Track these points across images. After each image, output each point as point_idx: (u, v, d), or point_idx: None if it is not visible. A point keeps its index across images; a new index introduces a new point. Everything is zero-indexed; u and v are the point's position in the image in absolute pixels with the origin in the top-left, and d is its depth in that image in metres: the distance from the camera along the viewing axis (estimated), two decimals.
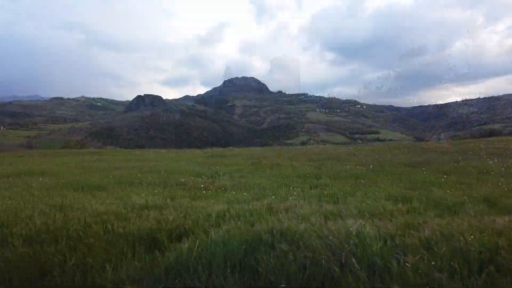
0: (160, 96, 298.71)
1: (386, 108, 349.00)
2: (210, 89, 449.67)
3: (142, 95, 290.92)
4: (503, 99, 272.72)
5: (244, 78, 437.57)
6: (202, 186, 9.03)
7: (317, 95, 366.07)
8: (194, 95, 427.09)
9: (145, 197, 6.21)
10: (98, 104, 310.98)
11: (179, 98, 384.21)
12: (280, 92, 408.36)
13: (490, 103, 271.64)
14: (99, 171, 15.24)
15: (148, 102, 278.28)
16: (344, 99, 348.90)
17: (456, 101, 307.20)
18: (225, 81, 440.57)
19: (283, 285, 2.78)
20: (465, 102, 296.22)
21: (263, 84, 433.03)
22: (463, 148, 23.44)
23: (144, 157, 29.65)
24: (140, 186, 9.55)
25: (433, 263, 2.71)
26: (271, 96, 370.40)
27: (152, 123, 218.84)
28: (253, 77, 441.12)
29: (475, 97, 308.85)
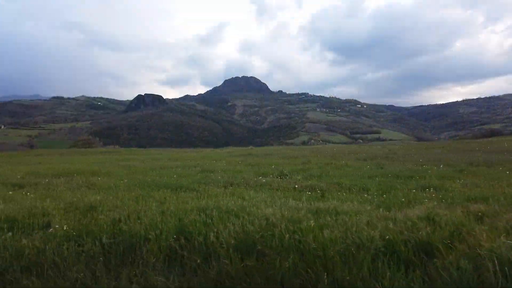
0: (160, 96, 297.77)
1: (386, 108, 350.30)
2: (211, 88, 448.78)
3: (143, 94, 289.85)
4: (503, 99, 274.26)
5: (245, 77, 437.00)
6: (296, 186, 8.44)
7: (318, 94, 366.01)
8: (195, 94, 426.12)
9: (300, 200, 5.63)
10: (99, 103, 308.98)
11: (179, 98, 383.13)
12: (280, 91, 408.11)
13: (490, 103, 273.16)
14: (148, 171, 14.56)
15: (148, 102, 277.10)
16: (345, 98, 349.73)
17: (456, 101, 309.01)
18: (225, 81, 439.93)
19: None
20: (465, 102, 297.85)
21: (264, 83, 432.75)
22: (497, 147, 23.12)
23: (165, 156, 28.93)
24: (220, 186, 8.92)
25: None
26: (271, 96, 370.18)
27: (152, 122, 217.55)
28: (253, 77, 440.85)
29: (475, 97, 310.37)
